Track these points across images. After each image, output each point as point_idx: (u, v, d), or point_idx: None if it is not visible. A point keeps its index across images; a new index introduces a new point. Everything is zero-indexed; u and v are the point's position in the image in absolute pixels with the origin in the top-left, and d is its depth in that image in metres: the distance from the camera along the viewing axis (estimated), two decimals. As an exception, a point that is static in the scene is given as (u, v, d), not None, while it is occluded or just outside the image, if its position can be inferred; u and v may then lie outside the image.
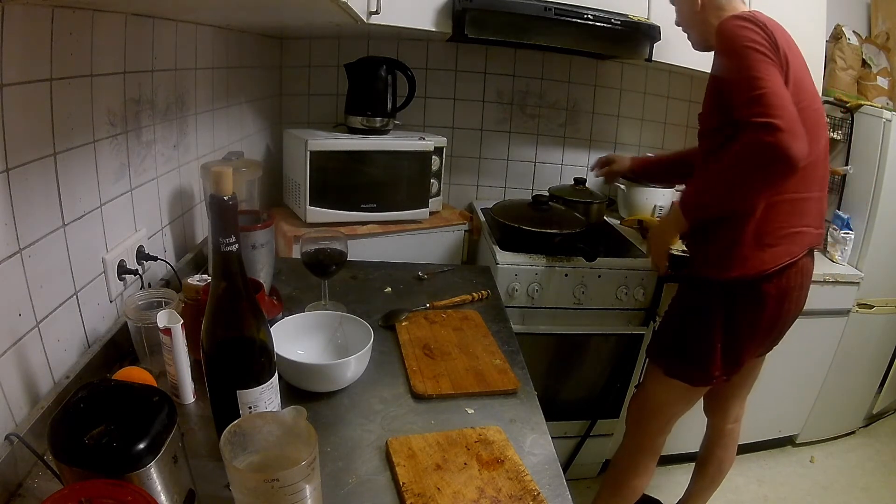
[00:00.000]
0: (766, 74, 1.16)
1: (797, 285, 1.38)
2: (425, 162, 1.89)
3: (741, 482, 2.16)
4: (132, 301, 1.00)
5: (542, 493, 0.78)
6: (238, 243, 0.70)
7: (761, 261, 1.32)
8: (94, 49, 0.94)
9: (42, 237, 0.86)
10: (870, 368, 2.32)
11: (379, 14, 1.56)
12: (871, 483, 2.21)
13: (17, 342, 0.80)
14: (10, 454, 0.73)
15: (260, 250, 1.17)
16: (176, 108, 1.30)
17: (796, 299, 1.40)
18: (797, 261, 1.34)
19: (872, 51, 2.33)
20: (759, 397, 1.75)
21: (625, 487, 1.60)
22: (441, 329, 1.23)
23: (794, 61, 1.25)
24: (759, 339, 1.42)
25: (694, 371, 1.42)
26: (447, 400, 1.00)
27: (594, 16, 1.74)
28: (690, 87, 2.35)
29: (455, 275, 1.55)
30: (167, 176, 1.30)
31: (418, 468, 0.81)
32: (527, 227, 1.79)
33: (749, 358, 1.46)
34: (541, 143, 2.36)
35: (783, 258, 1.32)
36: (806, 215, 1.34)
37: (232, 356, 0.74)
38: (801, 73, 1.28)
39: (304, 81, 2.18)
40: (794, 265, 1.34)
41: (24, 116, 0.79)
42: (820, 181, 1.36)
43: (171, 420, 0.65)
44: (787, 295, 1.36)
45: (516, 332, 1.27)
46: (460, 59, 2.22)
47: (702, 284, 1.39)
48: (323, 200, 1.77)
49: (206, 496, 0.73)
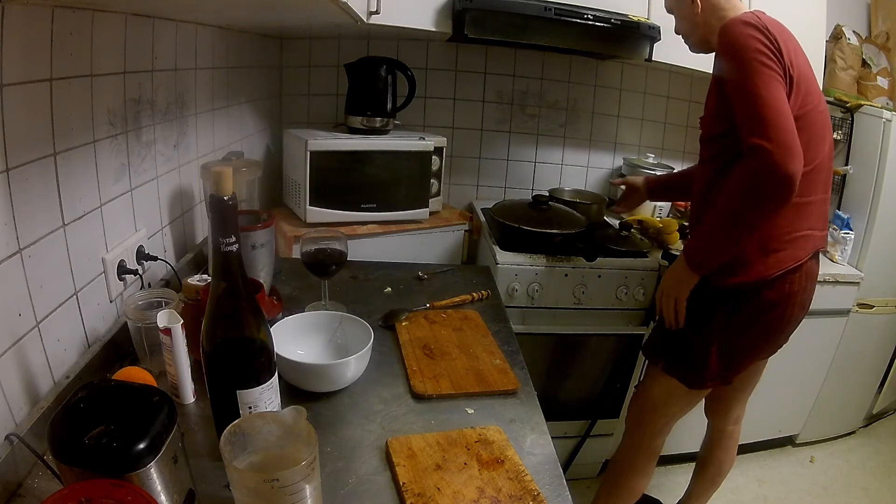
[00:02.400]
0: (766, 90, 1.15)
1: (801, 289, 1.35)
2: (425, 162, 1.89)
3: (741, 482, 2.16)
4: (132, 301, 1.00)
5: (542, 493, 0.78)
6: (238, 243, 0.70)
7: (764, 266, 1.29)
8: (94, 49, 0.94)
9: (42, 237, 0.86)
10: (870, 368, 2.32)
11: (379, 14, 1.56)
12: (871, 483, 2.21)
13: (17, 342, 0.80)
14: (10, 454, 0.73)
15: (260, 250, 1.17)
16: (176, 108, 1.30)
17: (800, 303, 1.38)
18: (802, 265, 1.32)
19: (872, 51, 2.33)
20: (759, 397, 1.75)
21: (624, 488, 1.60)
22: (441, 329, 1.23)
23: (799, 64, 1.23)
24: (760, 345, 1.41)
25: (687, 373, 1.42)
26: (447, 400, 1.00)
27: (594, 16, 1.74)
28: (690, 87, 2.36)
29: (455, 275, 1.55)
30: (167, 176, 1.30)
31: (418, 468, 0.81)
32: (527, 227, 1.79)
33: (749, 363, 1.45)
34: (541, 143, 2.36)
35: (787, 263, 1.30)
36: (810, 218, 1.31)
37: (232, 356, 0.74)
38: (807, 75, 1.25)
39: (304, 81, 2.18)
40: (798, 269, 1.32)
41: (24, 116, 0.79)
42: (824, 183, 1.34)
43: (171, 420, 0.64)
44: (790, 299, 1.34)
45: (516, 332, 1.27)
46: (460, 59, 2.22)
47: (702, 289, 1.37)
48: (323, 200, 1.78)
49: (206, 496, 0.73)
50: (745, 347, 1.38)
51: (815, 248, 1.36)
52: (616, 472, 1.63)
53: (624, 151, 2.41)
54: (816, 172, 1.28)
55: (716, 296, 1.35)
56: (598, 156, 2.41)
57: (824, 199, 1.36)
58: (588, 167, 2.42)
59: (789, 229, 1.30)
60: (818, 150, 1.28)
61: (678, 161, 2.42)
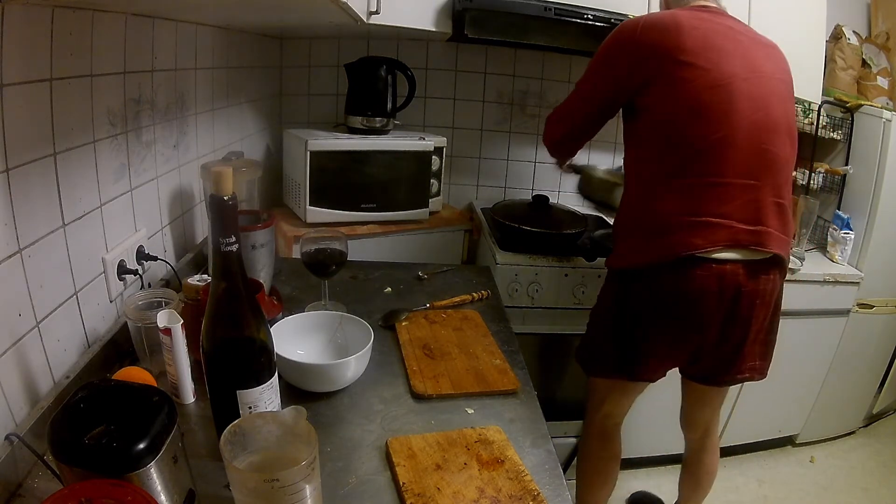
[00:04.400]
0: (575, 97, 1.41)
1: (709, 291, 1.18)
2: (425, 162, 1.89)
3: (741, 482, 2.16)
4: (132, 301, 1.00)
5: (542, 493, 0.78)
6: (238, 243, 0.70)
7: (650, 250, 1.21)
8: (94, 49, 0.94)
9: (42, 237, 0.86)
10: (870, 368, 2.32)
11: (379, 14, 1.56)
12: (871, 483, 2.21)
13: (17, 342, 0.80)
14: (10, 454, 0.72)
15: (260, 250, 1.17)
16: (176, 108, 1.30)
17: (713, 309, 1.20)
18: (708, 262, 1.17)
19: (872, 51, 2.32)
20: (760, 397, 1.75)
21: (586, 492, 1.58)
22: (441, 329, 1.23)
23: (703, 52, 1.18)
24: (659, 340, 1.28)
25: (590, 361, 1.43)
26: (447, 400, 1.00)
27: (594, 16, 1.74)
28: (690, 87, 2.35)
29: (455, 275, 1.55)
30: (167, 176, 1.30)
31: (418, 468, 0.81)
32: (527, 227, 1.79)
33: (654, 361, 1.32)
34: (541, 143, 2.35)
35: (675, 249, 1.17)
36: (721, 204, 1.17)
37: (232, 356, 0.74)
38: (710, 58, 1.19)
39: (304, 81, 2.18)
40: (701, 266, 1.17)
41: (24, 116, 0.79)
42: (744, 167, 1.18)
43: (171, 420, 0.64)
44: (688, 298, 1.19)
45: (516, 332, 1.27)
46: (460, 59, 2.22)
47: (607, 275, 1.37)
48: (323, 200, 1.78)
49: (206, 496, 0.73)
50: (639, 339, 1.28)
51: (733, 243, 1.17)
52: (578, 476, 1.61)
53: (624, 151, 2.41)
54: (728, 149, 1.17)
55: (614, 281, 1.35)
56: (598, 156, 2.41)
57: (756, 187, 1.19)
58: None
59: (681, 211, 1.19)
60: (722, 124, 1.17)
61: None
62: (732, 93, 1.19)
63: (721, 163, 1.18)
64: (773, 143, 1.22)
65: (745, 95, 1.20)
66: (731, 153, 1.18)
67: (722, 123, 1.18)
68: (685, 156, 1.22)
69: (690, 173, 1.20)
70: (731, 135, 1.18)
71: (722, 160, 1.18)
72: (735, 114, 1.19)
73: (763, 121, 1.21)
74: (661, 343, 1.30)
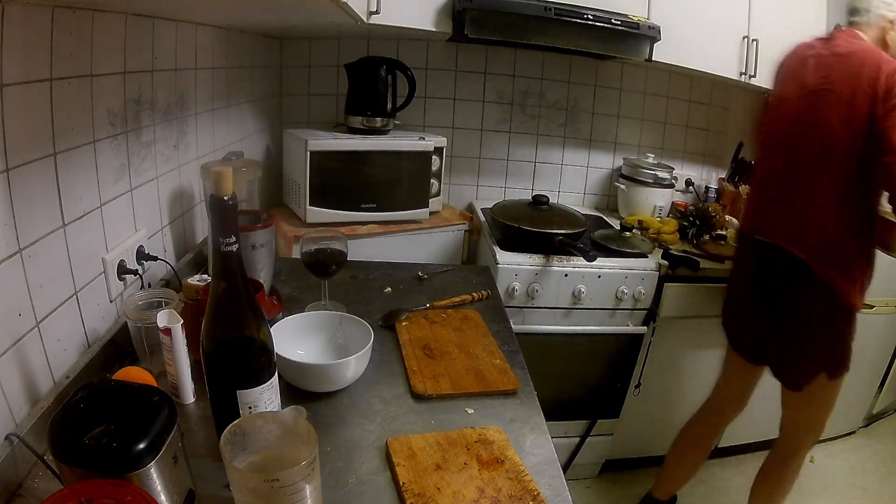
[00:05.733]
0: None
1: (735, 262, 1.65)
2: (425, 162, 1.89)
3: (741, 482, 2.16)
4: (132, 301, 1.00)
5: (542, 493, 0.78)
6: (238, 243, 0.70)
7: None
8: (94, 49, 0.94)
9: (42, 237, 0.86)
10: (870, 368, 2.32)
11: (379, 14, 1.57)
12: (871, 483, 2.21)
13: (17, 342, 0.80)
14: (10, 454, 0.72)
15: (260, 250, 1.17)
16: (176, 108, 1.30)
17: (737, 272, 1.65)
18: (742, 234, 1.58)
19: (872, 51, 2.32)
20: (760, 397, 1.75)
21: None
22: (441, 329, 1.23)
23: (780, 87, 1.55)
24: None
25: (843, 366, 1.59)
26: (447, 400, 1.00)
27: (594, 16, 1.74)
28: (690, 87, 2.36)
29: (455, 275, 1.55)
30: (167, 176, 1.30)
31: (418, 468, 0.81)
32: (527, 227, 1.79)
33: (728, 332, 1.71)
34: (541, 143, 2.36)
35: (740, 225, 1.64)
36: (750, 200, 1.62)
37: (232, 356, 0.74)
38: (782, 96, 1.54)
39: (304, 81, 2.18)
40: (741, 237, 1.59)
41: (24, 116, 0.79)
42: (759, 183, 1.60)
43: (171, 420, 0.65)
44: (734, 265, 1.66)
45: (516, 332, 1.27)
46: (460, 59, 2.22)
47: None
48: (323, 200, 1.78)
49: (206, 496, 0.73)
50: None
51: (746, 230, 1.58)
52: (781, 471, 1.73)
53: (624, 151, 2.41)
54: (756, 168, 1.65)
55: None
56: (599, 156, 2.41)
57: (755, 195, 1.63)
58: (588, 167, 2.42)
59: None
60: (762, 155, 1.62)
61: (678, 161, 2.42)
62: (779, 132, 1.57)
63: (753, 179, 1.76)
64: (770, 169, 1.65)
65: (777, 136, 1.58)
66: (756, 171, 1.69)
67: (762, 155, 1.66)
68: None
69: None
70: (757, 162, 1.69)
71: (753, 177, 1.74)
72: (764, 151, 1.64)
73: (765, 149, 1.67)
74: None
